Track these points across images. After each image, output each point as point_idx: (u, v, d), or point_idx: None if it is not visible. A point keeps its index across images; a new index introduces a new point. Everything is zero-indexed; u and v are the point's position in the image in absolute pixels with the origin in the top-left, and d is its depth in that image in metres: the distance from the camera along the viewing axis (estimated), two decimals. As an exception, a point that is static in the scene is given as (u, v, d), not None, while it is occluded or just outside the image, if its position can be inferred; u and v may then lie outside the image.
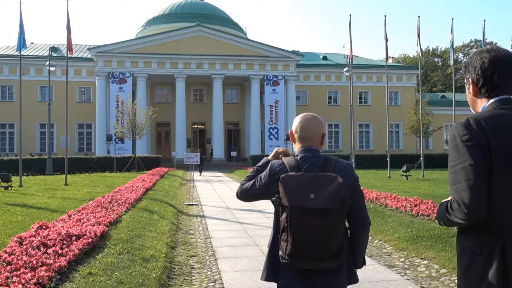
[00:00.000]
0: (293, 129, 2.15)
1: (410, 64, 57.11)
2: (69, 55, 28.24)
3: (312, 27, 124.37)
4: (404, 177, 17.61)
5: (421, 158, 20.63)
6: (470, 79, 1.81)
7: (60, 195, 11.20)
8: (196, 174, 24.70)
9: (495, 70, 1.73)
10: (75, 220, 5.97)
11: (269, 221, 8.18)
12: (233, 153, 33.39)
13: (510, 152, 1.61)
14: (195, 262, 5.40)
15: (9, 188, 13.50)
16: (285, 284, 1.97)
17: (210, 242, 6.50)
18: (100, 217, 6.32)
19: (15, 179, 16.04)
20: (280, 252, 1.94)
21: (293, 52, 38.32)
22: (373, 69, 42.75)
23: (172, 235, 6.57)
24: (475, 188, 1.58)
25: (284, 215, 1.87)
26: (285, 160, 2.08)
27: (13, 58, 37.66)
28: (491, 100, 1.74)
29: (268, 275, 2.05)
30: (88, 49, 36.06)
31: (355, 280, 2.05)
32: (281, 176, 1.93)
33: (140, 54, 34.99)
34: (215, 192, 14.93)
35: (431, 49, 71.95)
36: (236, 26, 44.43)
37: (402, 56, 72.39)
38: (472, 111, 1.84)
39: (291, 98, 37.18)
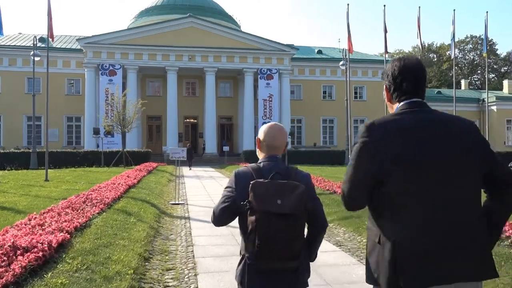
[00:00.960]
0: (261, 137, 2.27)
1: (406, 60, 56.24)
2: (53, 44, 27.21)
3: (306, 21, 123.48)
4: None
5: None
6: (384, 86, 1.97)
7: (35, 192, 10.30)
8: (185, 170, 23.89)
9: (404, 78, 1.87)
10: (31, 226, 5.09)
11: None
12: (225, 148, 32.54)
13: (401, 152, 1.72)
14: (171, 278, 4.57)
15: (-17, 184, 12.63)
16: (250, 281, 2.07)
17: (192, 251, 5.64)
18: (65, 221, 5.45)
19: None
20: (246, 254, 2.08)
21: (288, 45, 37.41)
22: (369, 63, 42.03)
23: (148, 243, 5.70)
24: (355, 185, 1.77)
25: (253, 218, 2.00)
26: (249, 166, 2.20)
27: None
28: (401, 104, 1.88)
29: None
30: (77, 39, 34.91)
31: (309, 275, 2.21)
32: (251, 182, 2.05)
33: (131, 46, 33.94)
34: (204, 189, 14.09)
35: (426, 45, 71.27)
36: (230, 18, 43.46)
37: (397, 51, 71.78)
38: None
39: (285, 92, 36.32)
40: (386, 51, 18.26)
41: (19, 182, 13.57)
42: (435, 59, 72.30)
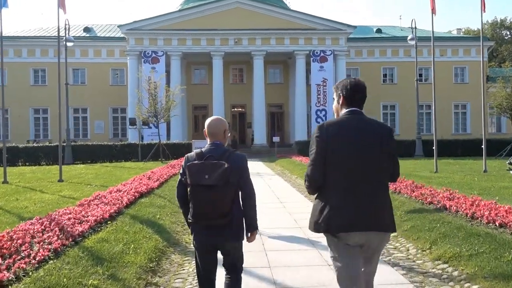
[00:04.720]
0: (205, 128, 3.24)
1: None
2: (96, 31, 24.94)
3: (363, 1, 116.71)
4: (510, 171, 12.95)
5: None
6: (340, 95, 2.85)
7: (14, 203, 7.80)
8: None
9: (356, 91, 2.84)
10: None
11: (327, 269, 4.41)
12: (276, 139, 29.57)
13: (335, 144, 2.66)
14: None
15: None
16: (195, 235, 3.06)
17: None
18: None
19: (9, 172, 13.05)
20: (189, 216, 3.02)
21: (343, 24, 33.43)
22: (436, 41, 37.15)
23: None
24: (315, 166, 2.68)
25: (189, 189, 2.97)
26: (194, 151, 3.14)
27: (43, 39, 35.59)
28: (345, 110, 2.81)
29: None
30: (118, 26, 33.16)
31: (241, 238, 3.09)
32: (187, 164, 3.01)
33: (173, 31, 31.71)
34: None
35: (499, 20, 64.12)
36: (279, 1, 40.14)
37: (465, 29, 65.23)
38: (335, 115, 2.94)
39: (341, 76, 32.57)
40: (483, 8, 14.13)
41: (28, 182, 11.43)
42: (508, 36, 64.91)
